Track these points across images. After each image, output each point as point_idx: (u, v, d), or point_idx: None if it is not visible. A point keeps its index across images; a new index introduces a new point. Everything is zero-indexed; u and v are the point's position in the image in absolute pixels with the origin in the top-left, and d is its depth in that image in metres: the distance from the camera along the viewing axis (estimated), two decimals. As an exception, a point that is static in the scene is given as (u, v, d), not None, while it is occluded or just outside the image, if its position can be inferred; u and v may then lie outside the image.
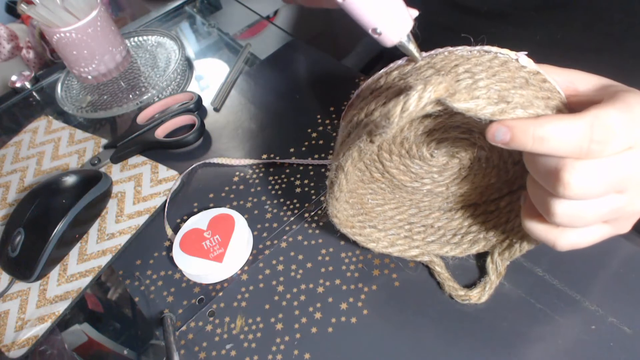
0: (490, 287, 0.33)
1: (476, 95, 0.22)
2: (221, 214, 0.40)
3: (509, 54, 0.26)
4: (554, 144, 0.21)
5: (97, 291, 0.40)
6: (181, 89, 0.58)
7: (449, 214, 0.36)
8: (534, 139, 0.21)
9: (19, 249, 0.39)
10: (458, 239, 0.35)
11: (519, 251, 0.32)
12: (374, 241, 0.35)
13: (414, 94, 0.21)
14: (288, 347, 0.33)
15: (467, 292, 0.33)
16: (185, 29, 0.68)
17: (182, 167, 0.47)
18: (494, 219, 0.34)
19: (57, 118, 0.56)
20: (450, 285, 0.34)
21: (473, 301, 0.33)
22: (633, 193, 0.23)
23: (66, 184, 0.42)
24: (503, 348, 0.31)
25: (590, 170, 0.22)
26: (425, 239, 0.36)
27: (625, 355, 0.29)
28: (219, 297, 0.37)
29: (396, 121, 0.21)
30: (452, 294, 0.33)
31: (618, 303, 0.32)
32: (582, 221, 0.24)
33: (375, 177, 0.36)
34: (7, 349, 0.37)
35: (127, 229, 0.43)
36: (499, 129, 0.22)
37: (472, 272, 0.35)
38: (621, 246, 0.34)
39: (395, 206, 0.37)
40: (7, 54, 0.70)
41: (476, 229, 0.35)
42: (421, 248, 0.35)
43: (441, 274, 0.34)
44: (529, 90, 0.23)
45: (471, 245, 0.35)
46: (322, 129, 0.47)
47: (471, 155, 0.32)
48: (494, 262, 0.34)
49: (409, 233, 0.36)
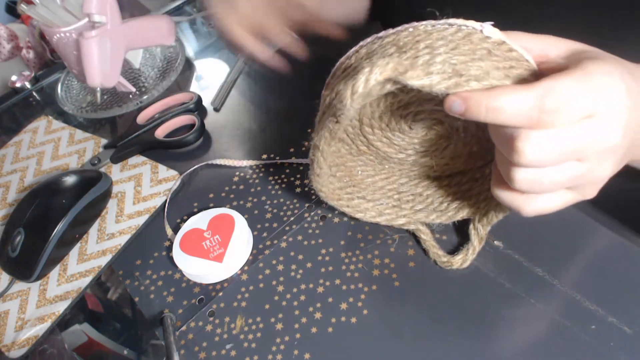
0: (473, 252, 0.34)
1: (430, 71, 0.23)
2: (221, 214, 0.40)
3: (474, 25, 0.26)
4: (506, 115, 0.22)
5: (97, 291, 0.40)
6: (181, 89, 0.58)
7: (437, 182, 0.37)
8: (487, 110, 0.22)
9: (19, 249, 0.39)
10: (444, 207, 0.36)
11: (495, 217, 0.33)
12: (362, 211, 0.36)
13: (360, 77, 0.22)
14: (288, 347, 0.33)
15: (450, 258, 0.34)
16: (185, 29, 0.68)
17: (182, 167, 0.47)
18: (479, 186, 0.35)
19: (57, 118, 0.56)
20: (435, 252, 0.35)
21: (455, 267, 0.34)
22: (594, 161, 0.23)
23: (66, 184, 0.42)
24: (503, 348, 0.31)
25: (544, 139, 0.22)
26: (413, 207, 0.37)
27: (625, 355, 0.29)
28: (219, 297, 0.37)
29: (349, 103, 0.22)
30: (437, 260, 0.35)
31: (618, 303, 0.32)
32: (542, 187, 0.24)
33: (361, 150, 0.37)
34: (7, 349, 0.37)
35: (127, 229, 0.43)
36: (454, 100, 0.23)
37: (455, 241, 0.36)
38: (621, 246, 0.34)
39: (386, 176, 0.38)
40: (7, 54, 0.70)
41: (461, 196, 0.36)
42: (408, 217, 0.36)
43: (427, 242, 0.36)
44: (488, 62, 0.24)
45: (456, 212, 0.36)
46: (322, 129, 0.47)
47: (448, 126, 0.33)
48: (476, 227, 0.34)
49: (397, 202, 0.37)
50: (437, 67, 0.23)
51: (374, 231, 0.38)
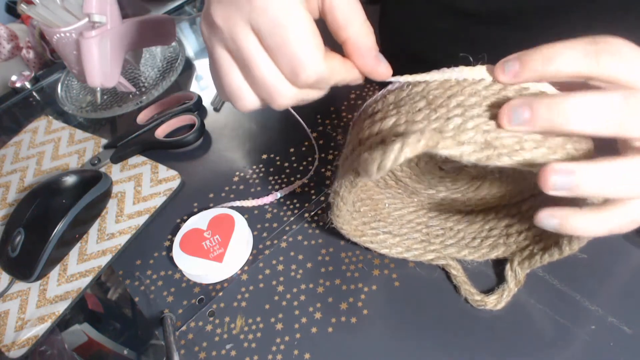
0: (508, 295, 0.32)
1: (462, 141, 0.22)
2: (221, 214, 0.40)
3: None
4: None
5: (97, 291, 0.40)
6: (181, 89, 0.58)
7: (469, 217, 0.35)
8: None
9: (19, 249, 0.39)
10: (477, 243, 0.34)
11: (539, 262, 0.31)
12: (388, 247, 0.34)
13: (389, 155, 0.21)
14: (288, 347, 0.33)
15: (484, 298, 0.32)
16: (185, 29, 0.68)
17: (182, 167, 0.47)
18: (516, 223, 0.33)
19: (57, 118, 0.56)
20: (467, 289, 0.33)
21: (489, 307, 0.32)
22: None
23: (66, 184, 0.42)
24: (502, 346, 0.31)
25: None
26: (444, 242, 0.35)
27: (625, 355, 0.29)
28: (219, 297, 0.37)
29: (374, 175, 0.22)
30: (469, 298, 0.33)
31: (618, 303, 0.32)
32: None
33: (389, 184, 0.35)
34: (7, 349, 0.37)
35: (127, 229, 0.43)
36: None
37: (487, 278, 0.34)
38: (621, 246, 0.34)
39: (414, 209, 0.36)
40: (7, 54, 0.70)
41: (497, 233, 0.34)
42: (438, 252, 0.34)
43: (457, 277, 0.33)
44: None
45: (491, 250, 0.34)
46: (322, 129, 0.47)
47: (481, 168, 0.32)
48: (514, 269, 0.32)
49: (426, 237, 0.35)
50: (469, 134, 0.22)
51: (374, 231, 0.38)
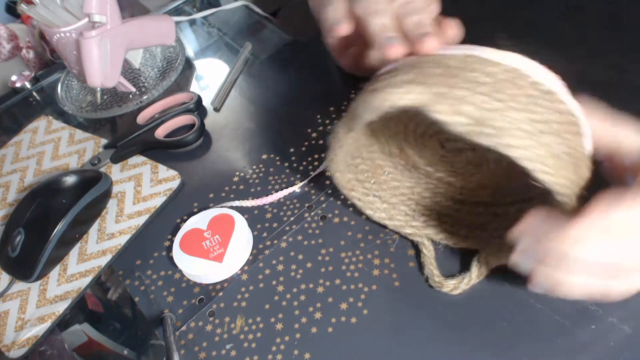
0: (467, 283, 0.33)
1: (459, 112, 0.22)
2: (221, 214, 0.40)
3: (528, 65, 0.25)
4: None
5: (97, 291, 0.40)
6: (181, 89, 0.58)
7: (458, 206, 0.37)
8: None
9: (19, 249, 0.39)
10: (454, 230, 0.36)
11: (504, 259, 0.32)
12: (373, 210, 0.36)
13: (385, 96, 0.21)
14: (288, 347, 0.33)
15: (442, 280, 0.33)
16: (185, 29, 0.68)
17: (182, 167, 0.47)
18: (498, 222, 0.34)
19: (57, 118, 0.56)
20: (430, 269, 0.34)
21: (445, 290, 0.33)
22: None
23: (66, 184, 0.42)
24: (503, 348, 0.31)
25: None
26: (426, 222, 0.36)
27: (625, 355, 0.29)
28: (219, 297, 0.37)
29: (366, 116, 0.22)
30: (429, 277, 0.34)
31: (618, 303, 0.31)
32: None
33: (393, 152, 0.37)
34: (7, 349, 0.37)
35: (127, 229, 0.43)
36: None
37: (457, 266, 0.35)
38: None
39: (410, 185, 0.37)
40: (7, 54, 0.70)
41: (476, 227, 0.35)
42: (417, 229, 0.36)
43: (426, 256, 0.35)
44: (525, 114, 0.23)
45: (463, 239, 0.35)
46: (322, 129, 0.47)
47: (480, 155, 0.33)
48: (479, 261, 0.33)
49: (412, 213, 0.37)
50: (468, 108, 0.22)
51: (374, 231, 0.38)
